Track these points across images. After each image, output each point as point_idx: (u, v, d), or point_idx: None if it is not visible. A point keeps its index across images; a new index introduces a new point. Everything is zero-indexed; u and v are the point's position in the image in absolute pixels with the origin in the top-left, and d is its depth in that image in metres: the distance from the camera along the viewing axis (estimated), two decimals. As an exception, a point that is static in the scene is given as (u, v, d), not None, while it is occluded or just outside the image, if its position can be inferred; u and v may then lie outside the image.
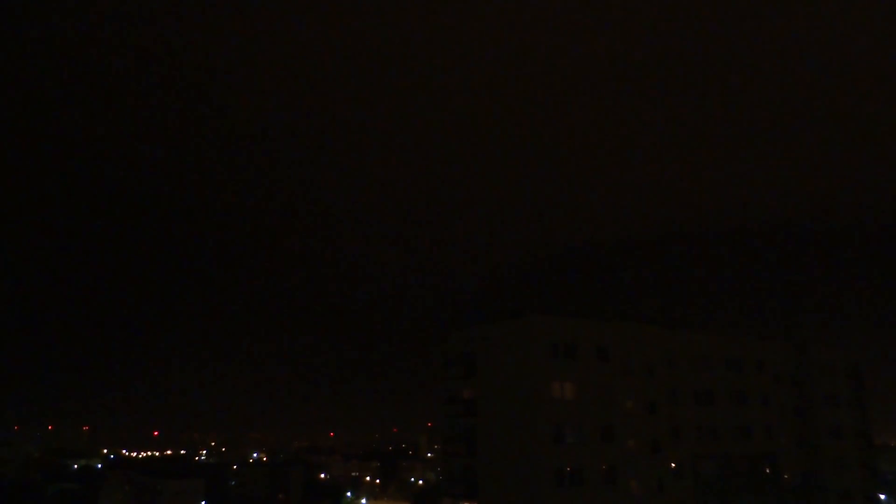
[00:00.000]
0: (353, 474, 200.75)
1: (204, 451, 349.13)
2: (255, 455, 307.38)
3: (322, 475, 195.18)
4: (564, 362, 54.22)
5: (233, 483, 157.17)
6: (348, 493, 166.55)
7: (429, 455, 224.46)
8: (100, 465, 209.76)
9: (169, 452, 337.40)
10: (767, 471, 66.57)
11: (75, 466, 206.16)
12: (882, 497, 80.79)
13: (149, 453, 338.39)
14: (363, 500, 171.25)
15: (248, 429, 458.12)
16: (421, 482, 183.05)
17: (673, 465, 59.14)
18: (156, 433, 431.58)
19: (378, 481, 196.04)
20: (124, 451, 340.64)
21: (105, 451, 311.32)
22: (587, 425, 53.96)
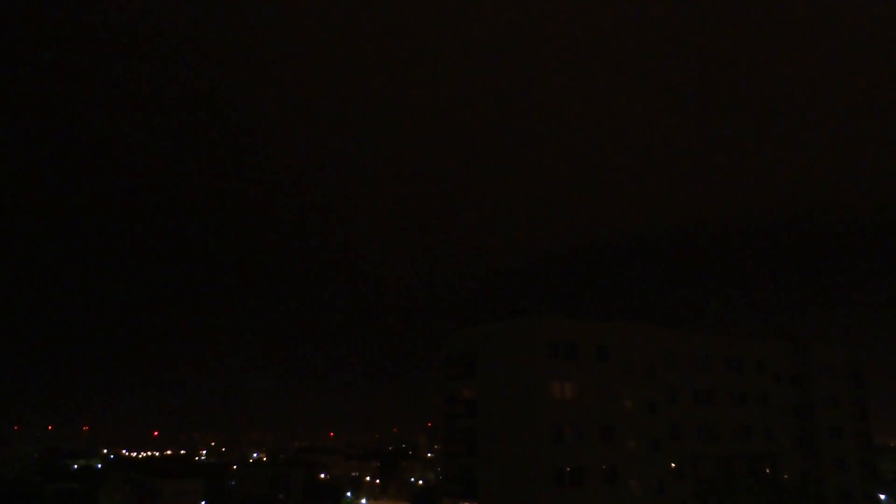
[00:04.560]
0: (353, 474, 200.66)
1: (204, 451, 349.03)
2: (255, 455, 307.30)
3: (322, 475, 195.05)
4: (564, 362, 54.20)
5: (233, 483, 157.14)
6: (348, 493, 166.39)
7: (429, 455, 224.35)
8: (100, 465, 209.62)
9: (169, 452, 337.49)
10: (767, 471, 66.58)
11: (75, 466, 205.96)
12: (882, 497, 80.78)
13: (149, 453, 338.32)
14: (363, 500, 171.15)
15: (248, 429, 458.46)
16: (421, 482, 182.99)
17: (673, 465, 59.15)
18: (156, 433, 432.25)
19: (378, 481, 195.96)
20: (124, 451, 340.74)
21: (105, 451, 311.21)
22: (587, 425, 53.95)
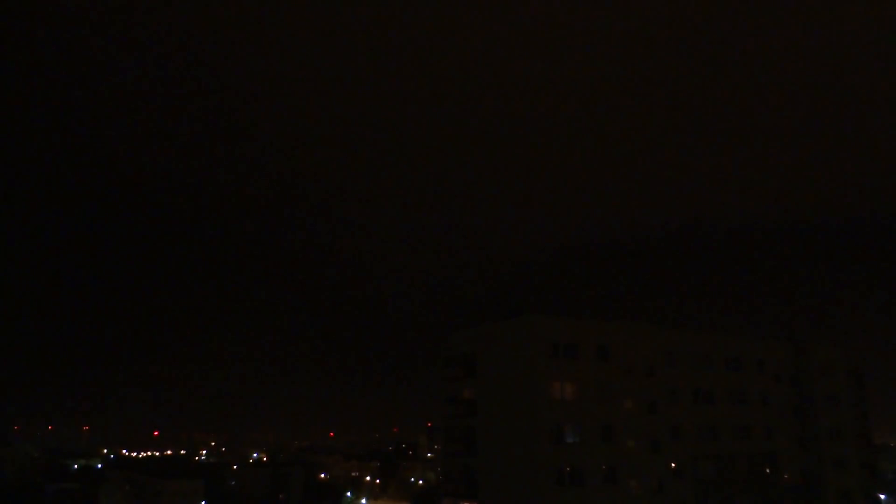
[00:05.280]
0: (353, 474, 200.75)
1: (204, 451, 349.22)
2: (255, 455, 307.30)
3: (322, 475, 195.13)
4: (564, 362, 54.22)
5: (233, 483, 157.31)
6: (348, 493, 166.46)
7: (429, 455, 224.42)
8: (100, 465, 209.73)
9: (169, 452, 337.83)
10: (767, 471, 66.61)
11: (75, 466, 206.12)
12: (882, 497, 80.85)
13: (149, 453, 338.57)
14: (363, 500, 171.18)
15: (248, 429, 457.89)
16: (421, 482, 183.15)
17: (673, 465, 59.17)
18: (156, 433, 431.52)
19: (378, 481, 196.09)
20: (124, 451, 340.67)
21: (105, 451, 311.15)
22: (587, 425, 53.97)
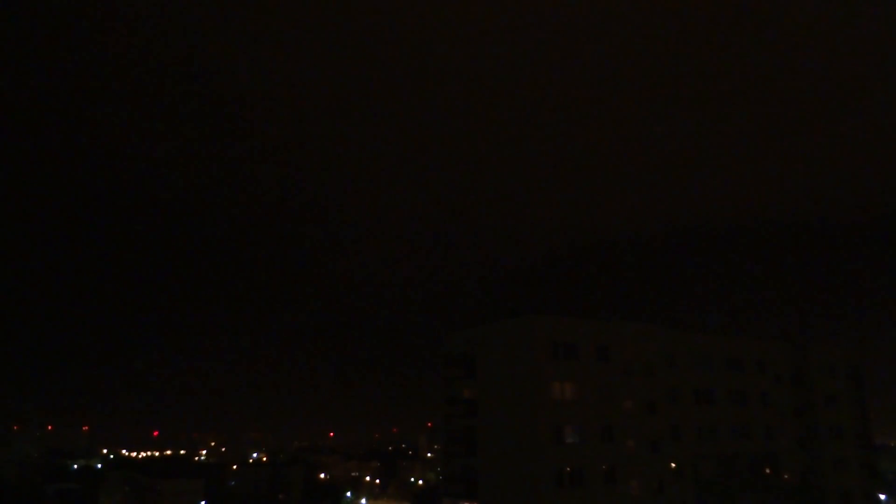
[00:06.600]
0: (353, 474, 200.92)
1: (204, 451, 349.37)
2: (255, 455, 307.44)
3: (322, 475, 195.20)
4: (564, 362, 54.20)
5: (233, 483, 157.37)
6: (348, 493, 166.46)
7: (429, 455, 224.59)
8: (100, 465, 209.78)
9: (169, 452, 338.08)
10: (767, 471, 66.59)
11: (75, 466, 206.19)
12: (882, 497, 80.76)
13: (149, 453, 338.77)
14: (363, 500, 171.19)
15: (248, 429, 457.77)
16: (421, 482, 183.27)
17: (673, 465, 59.15)
18: (156, 433, 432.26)
19: (378, 481, 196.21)
20: (124, 451, 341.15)
21: (105, 451, 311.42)
22: (587, 425, 53.95)
